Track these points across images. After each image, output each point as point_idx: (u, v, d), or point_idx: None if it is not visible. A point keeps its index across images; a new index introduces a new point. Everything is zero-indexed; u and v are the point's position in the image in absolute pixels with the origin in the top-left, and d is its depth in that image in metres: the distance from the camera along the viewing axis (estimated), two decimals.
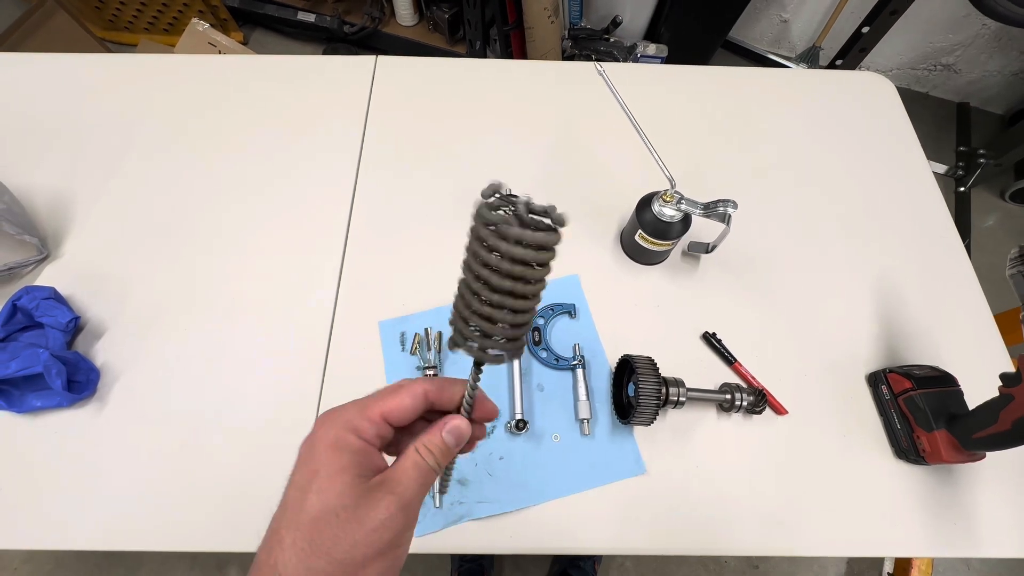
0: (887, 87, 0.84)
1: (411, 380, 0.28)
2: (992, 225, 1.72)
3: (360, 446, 0.25)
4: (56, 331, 0.59)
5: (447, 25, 1.70)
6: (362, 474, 0.25)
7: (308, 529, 0.23)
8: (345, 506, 0.23)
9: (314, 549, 0.23)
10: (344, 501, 0.24)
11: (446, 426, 0.27)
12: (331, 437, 0.25)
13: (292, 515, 0.24)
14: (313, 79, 0.81)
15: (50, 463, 0.55)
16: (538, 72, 0.85)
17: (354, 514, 0.23)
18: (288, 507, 0.24)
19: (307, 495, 0.24)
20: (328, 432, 0.26)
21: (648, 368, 0.53)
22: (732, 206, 0.55)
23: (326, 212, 0.70)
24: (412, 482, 0.26)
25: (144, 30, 1.90)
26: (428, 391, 0.28)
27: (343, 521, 0.23)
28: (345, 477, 0.24)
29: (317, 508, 0.23)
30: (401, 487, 0.25)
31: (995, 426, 0.47)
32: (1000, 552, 0.53)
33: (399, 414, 0.27)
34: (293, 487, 0.25)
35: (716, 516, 0.54)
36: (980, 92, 1.87)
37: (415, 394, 0.27)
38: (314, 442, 0.26)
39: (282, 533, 0.24)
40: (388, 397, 0.27)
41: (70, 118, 0.77)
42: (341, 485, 0.24)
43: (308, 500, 0.24)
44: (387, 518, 0.24)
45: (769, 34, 1.96)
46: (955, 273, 0.69)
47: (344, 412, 0.27)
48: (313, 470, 0.25)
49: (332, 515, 0.23)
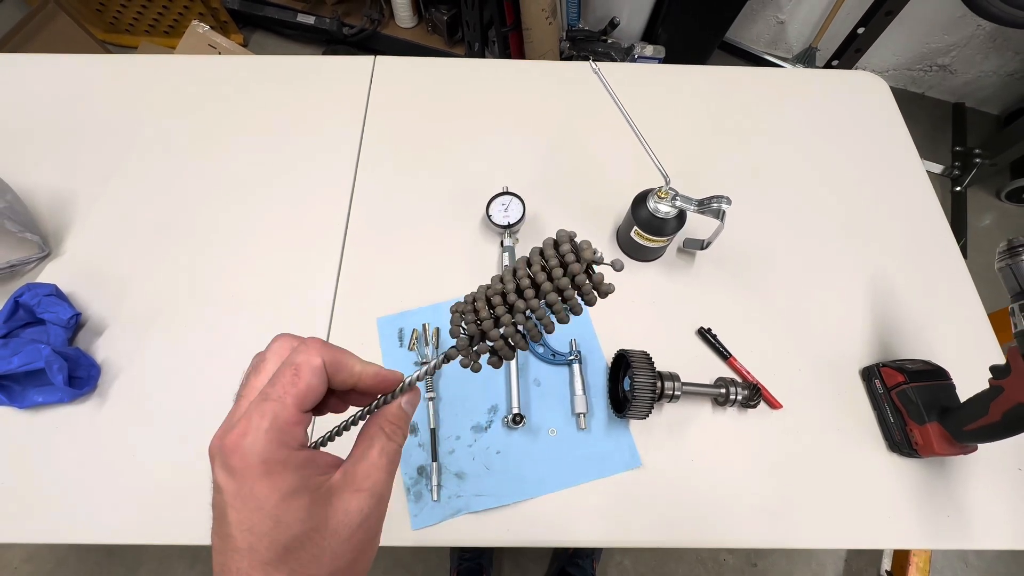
0: (881, 86, 0.85)
1: (296, 353, 0.24)
2: (988, 225, 1.73)
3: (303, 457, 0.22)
4: (57, 327, 0.59)
5: (446, 27, 1.71)
6: (316, 487, 0.22)
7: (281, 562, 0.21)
8: (316, 528, 0.21)
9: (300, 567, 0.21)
10: (309, 525, 0.21)
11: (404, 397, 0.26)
12: (256, 462, 0.21)
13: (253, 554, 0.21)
14: (312, 79, 0.82)
15: (51, 458, 0.55)
16: (535, 72, 0.86)
17: (326, 529, 0.22)
18: (242, 550, 0.21)
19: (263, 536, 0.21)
20: (247, 458, 0.21)
21: (643, 362, 0.53)
22: (726, 202, 0.56)
23: (325, 210, 0.71)
24: (382, 472, 0.24)
25: (145, 32, 1.91)
26: (326, 362, 0.24)
27: (315, 543, 0.21)
28: (302, 500, 0.21)
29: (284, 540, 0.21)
30: (370, 480, 0.23)
31: (986, 418, 0.47)
32: (992, 544, 0.53)
33: (312, 397, 0.23)
34: (235, 528, 0.21)
35: (711, 509, 0.54)
36: (976, 92, 1.88)
37: (317, 370, 0.23)
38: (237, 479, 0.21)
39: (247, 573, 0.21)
40: (292, 383, 0.23)
41: (71, 118, 0.78)
42: (300, 511, 0.21)
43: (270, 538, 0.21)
44: (363, 520, 0.22)
45: (766, 35, 1.97)
46: (948, 270, 0.69)
47: (251, 427, 0.22)
48: (255, 508, 0.21)
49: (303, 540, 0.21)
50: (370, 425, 0.26)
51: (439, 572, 1.18)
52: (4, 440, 0.56)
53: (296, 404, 0.22)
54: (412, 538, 0.52)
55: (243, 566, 0.20)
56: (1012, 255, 0.44)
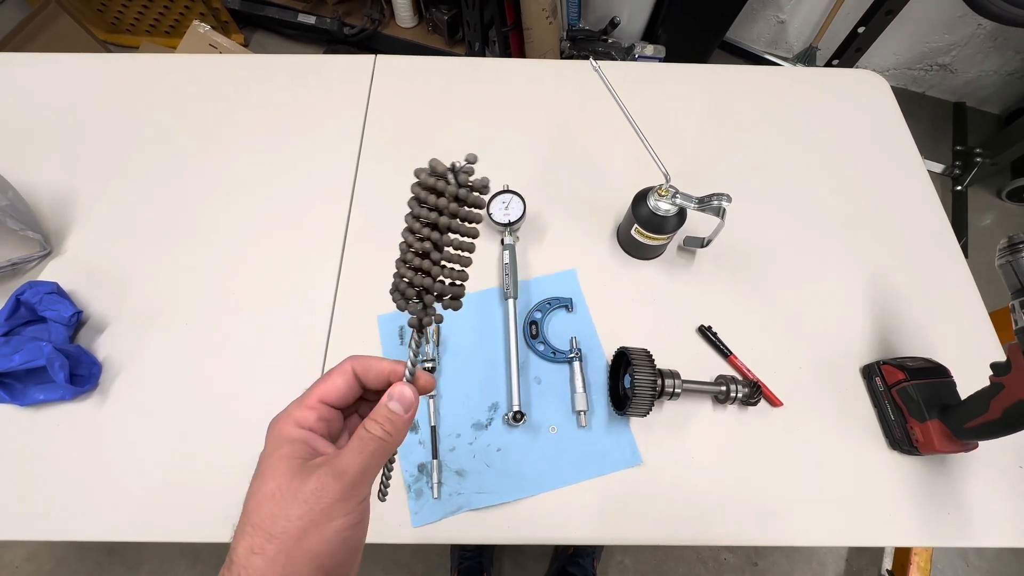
0: (882, 85, 0.85)
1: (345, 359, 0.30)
2: (989, 224, 1.73)
3: (299, 434, 0.27)
4: (59, 325, 0.59)
5: (446, 27, 1.71)
6: (303, 458, 0.26)
7: (251, 515, 0.25)
8: (280, 486, 0.25)
9: (255, 530, 0.24)
10: (280, 482, 0.25)
11: (392, 395, 0.28)
12: (274, 433, 0.27)
13: (243, 515, 0.25)
14: (313, 78, 0.82)
15: (52, 456, 0.56)
16: (535, 71, 0.86)
17: (288, 490, 0.24)
18: (242, 511, 0.26)
19: (252, 492, 0.25)
20: (271, 432, 0.27)
21: (644, 360, 0.53)
22: (726, 199, 0.56)
23: (326, 209, 0.71)
24: (350, 452, 0.26)
25: (146, 32, 1.91)
26: (354, 367, 0.29)
27: (278, 500, 0.24)
28: (284, 463, 0.25)
29: (260, 496, 0.25)
30: (338, 458, 0.26)
31: (986, 415, 0.47)
32: (993, 542, 0.53)
33: (335, 394, 0.28)
34: (246, 494, 0.26)
35: (711, 506, 0.54)
36: (976, 92, 1.88)
37: (344, 372, 0.29)
38: (264, 446, 0.27)
39: (237, 531, 0.25)
40: (322, 382, 0.29)
41: (73, 117, 0.78)
42: (280, 471, 0.25)
43: (253, 495, 0.25)
44: (317, 487, 0.24)
45: (766, 35, 1.97)
46: (949, 268, 0.69)
47: (286, 409, 0.28)
48: (259, 469, 0.26)
49: (269, 497, 0.24)
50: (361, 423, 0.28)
51: (440, 571, 1.18)
52: (5, 438, 0.56)
53: (317, 395, 0.28)
54: (413, 535, 0.52)
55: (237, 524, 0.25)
56: (1013, 252, 0.44)
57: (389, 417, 0.27)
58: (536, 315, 0.63)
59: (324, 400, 0.28)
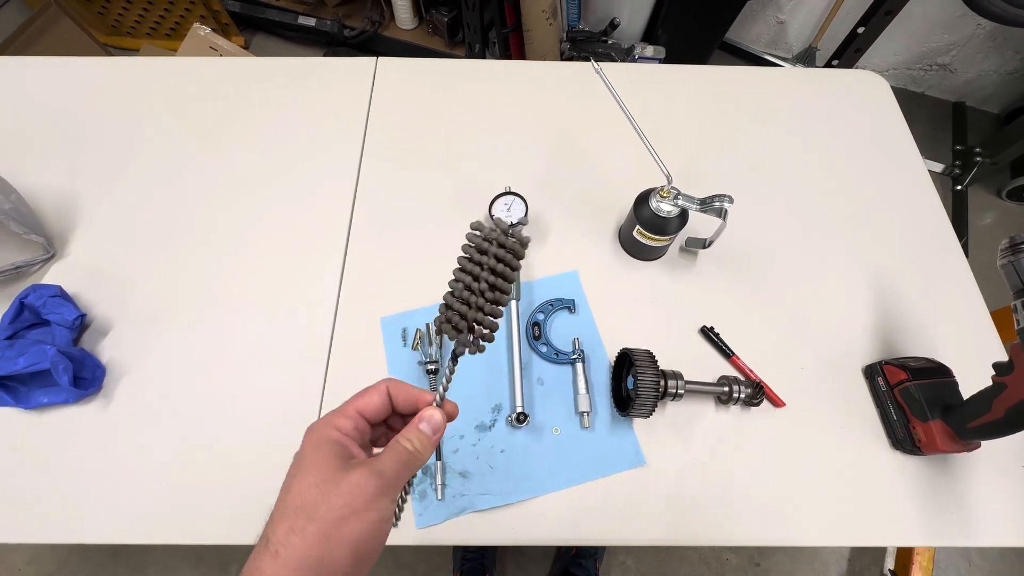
0: (881, 85, 0.85)
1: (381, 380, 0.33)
2: (990, 223, 1.73)
3: (338, 437, 0.30)
4: (62, 328, 0.60)
5: (446, 28, 1.71)
6: (343, 457, 0.29)
7: (293, 500, 0.27)
8: (324, 477, 0.27)
9: (296, 513, 0.26)
10: (323, 474, 0.27)
11: (423, 417, 0.32)
12: (314, 436, 0.30)
13: (282, 498, 0.28)
14: (315, 80, 0.83)
15: (56, 458, 0.56)
16: (536, 72, 0.86)
17: (332, 481, 0.27)
18: (280, 495, 0.28)
19: (292, 482, 0.28)
20: (312, 434, 0.30)
21: (647, 361, 0.54)
22: (728, 200, 0.56)
23: (328, 210, 0.71)
24: (387, 458, 0.29)
25: (146, 35, 1.91)
26: (390, 388, 0.33)
27: (322, 489, 0.27)
28: (325, 460, 0.28)
29: (301, 485, 0.27)
30: (377, 460, 0.29)
31: (989, 415, 0.47)
32: (996, 541, 0.53)
33: (370, 409, 0.32)
34: (285, 480, 0.29)
35: (714, 507, 0.54)
36: (976, 91, 1.88)
37: (380, 391, 0.32)
38: (302, 444, 0.30)
39: (274, 513, 0.27)
40: (360, 396, 0.32)
41: (75, 120, 0.78)
42: (322, 463, 0.28)
43: (293, 485, 0.28)
44: (360, 480, 0.27)
45: (766, 35, 1.97)
46: (950, 267, 0.69)
47: (326, 416, 0.31)
48: (298, 465, 0.29)
49: (313, 485, 0.27)
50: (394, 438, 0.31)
51: (442, 572, 1.18)
52: (10, 441, 0.57)
53: (355, 407, 0.31)
54: (417, 537, 0.53)
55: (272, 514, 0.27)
56: (1014, 252, 0.44)
57: (419, 436, 0.31)
58: (539, 316, 0.63)
59: (361, 412, 0.31)
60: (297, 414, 0.58)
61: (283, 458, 0.29)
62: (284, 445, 0.29)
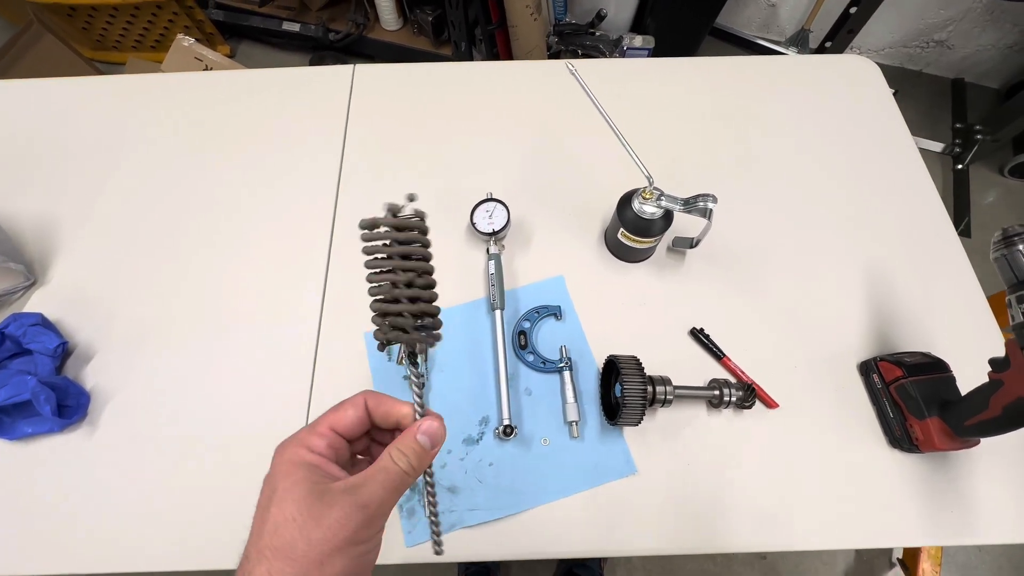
0: (872, 69, 0.83)
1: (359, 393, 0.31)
2: (993, 202, 1.69)
3: (313, 459, 0.27)
4: (44, 357, 0.59)
5: (431, 28, 1.69)
6: (318, 483, 0.26)
7: (270, 538, 0.25)
8: (301, 510, 0.25)
9: (275, 554, 0.24)
10: (300, 507, 0.25)
11: (420, 427, 0.29)
12: (287, 456, 0.27)
13: (255, 534, 0.25)
14: (292, 91, 0.81)
15: (42, 488, 0.55)
16: (518, 73, 0.84)
17: (310, 516, 0.24)
18: (253, 530, 0.26)
19: (268, 512, 0.25)
20: (283, 454, 0.27)
21: (633, 368, 0.52)
22: (712, 200, 0.54)
23: (309, 224, 0.70)
24: (375, 484, 0.26)
25: (132, 48, 1.90)
26: (368, 401, 0.30)
27: (299, 524, 0.24)
28: (302, 487, 0.25)
29: (277, 518, 0.25)
30: (362, 488, 0.26)
31: (986, 412, 0.46)
32: (997, 538, 0.52)
33: (344, 423, 0.29)
34: (257, 510, 0.26)
35: (709, 513, 0.53)
36: (975, 67, 1.84)
37: (356, 404, 0.30)
38: (271, 467, 0.27)
39: (249, 551, 0.25)
40: (334, 411, 0.30)
41: (52, 142, 0.77)
42: (298, 493, 0.25)
43: (269, 515, 0.25)
44: (343, 516, 0.25)
45: (757, 19, 1.93)
46: (946, 256, 0.68)
47: (297, 434, 0.29)
48: (271, 488, 0.26)
49: (290, 520, 0.25)
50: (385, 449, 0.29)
51: (447, 573, 1.18)
52: None
53: (328, 423, 0.29)
54: (406, 555, 0.52)
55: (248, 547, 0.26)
56: (1008, 244, 0.43)
57: (415, 449, 0.28)
58: (524, 324, 0.62)
59: (334, 428, 0.29)
60: (283, 434, 0.57)
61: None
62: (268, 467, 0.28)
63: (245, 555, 0.25)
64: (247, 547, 0.26)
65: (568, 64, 0.53)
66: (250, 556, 0.25)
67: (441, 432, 0.29)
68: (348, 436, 0.30)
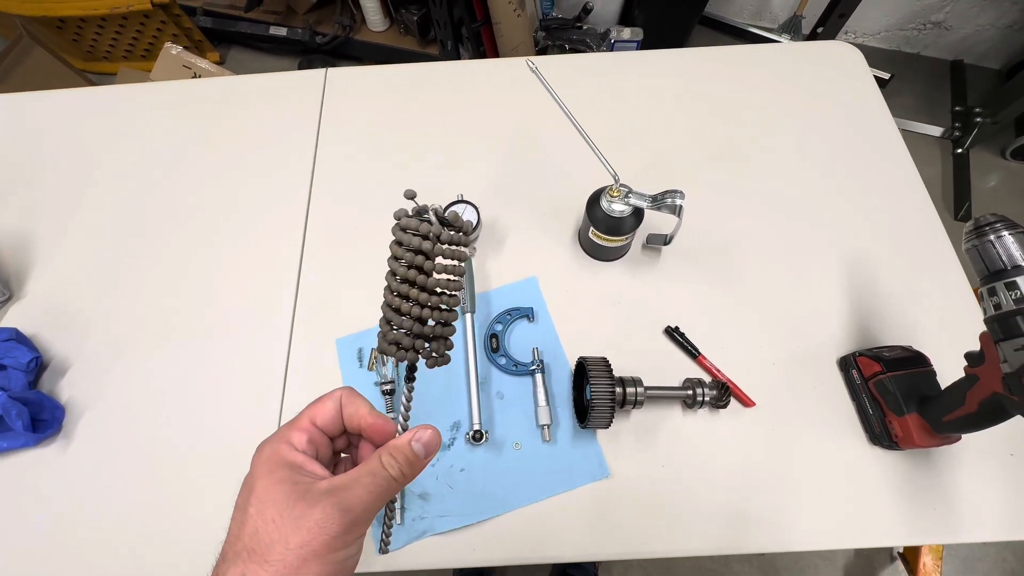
0: (855, 55, 0.81)
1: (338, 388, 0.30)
2: (995, 185, 1.65)
3: (294, 457, 0.26)
4: (18, 372, 0.59)
5: (417, 27, 1.68)
6: (298, 482, 0.25)
7: (248, 540, 0.24)
8: (281, 512, 0.24)
9: (251, 556, 0.23)
10: (280, 507, 0.24)
11: (416, 434, 0.28)
12: (266, 454, 0.26)
13: (233, 535, 0.25)
14: (264, 99, 0.81)
15: (17, 502, 0.56)
16: (491, 72, 0.83)
17: (290, 517, 0.24)
18: (230, 530, 0.25)
19: (245, 512, 0.25)
20: (262, 454, 0.27)
21: (601, 369, 0.51)
22: (680, 196, 0.53)
23: (281, 233, 0.69)
24: (361, 488, 0.25)
25: (122, 58, 1.91)
26: (343, 395, 0.29)
27: (278, 526, 0.23)
28: (282, 486, 0.25)
29: (255, 519, 0.24)
30: (346, 491, 0.25)
31: (963, 408, 0.44)
32: (981, 536, 0.51)
33: (324, 416, 0.29)
34: (235, 510, 0.26)
35: (684, 515, 0.52)
36: (974, 48, 1.80)
37: (334, 398, 0.29)
38: (252, 465, 0.27)
39: (226, 551, 0.24)
40: (313, 405, 0.29)
41: (28, 157, 0.77)
42: (277, 494, 0.24)
43: (248, 516, 0.24)
44: (322, 519, 0.24)
45: (749, 7, 1.90)
46: (932, 246, 0.66)
47: (278, 432, 0.28)
48: (250, 487, 0.25)
49: (268, 522, 0.24)
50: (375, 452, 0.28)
51: (445, 573, 1.17)
52: None
53: (308, 416, 0.28)
54: (379, 563, 0.51)
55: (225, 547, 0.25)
56: (979, 235, 0.41)
57: (408, 457, 0.27)
58: (496, 327, 0.61)
59: (314, 421, 0.28)
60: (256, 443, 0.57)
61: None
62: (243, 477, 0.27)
63: (221, 555, 0.25)
64: (224, 547, 0.25)
65: (529, 62, 0.52)
66: (226, 556, 0.24)
67: (436, 442, 0.29)
68: (329, 431, 0.29)
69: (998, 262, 0.39)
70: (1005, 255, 0.39)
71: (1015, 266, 0.39)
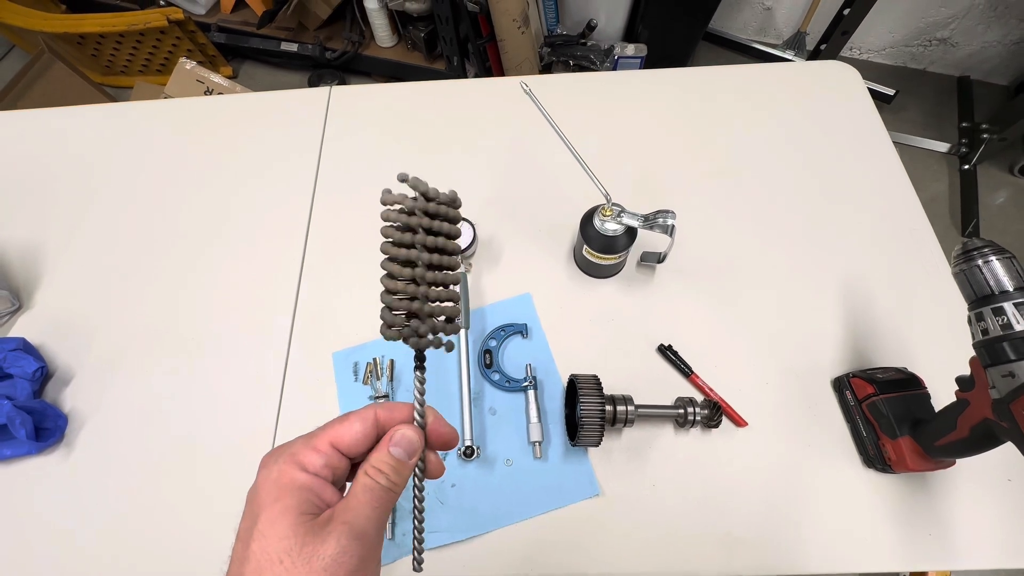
0: (852, 75, 0.81)
1: (368, 406, 0.27)
2: (1003, 202, 1.64)
3: (305, 480, 0.24)
4: (23, 381, 0.61)
5: (424, 44, 1.72)
6: (308, 511, 0.23)
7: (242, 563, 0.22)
8: (289, 550, 0.21)
9: None
10: (287, 544, 0.22)
11: (392, 438, 0.26)
12: (273, 475, 0.24)
13: (235, 572, 0.22)
14: (269, 117, 0.83)
15: (18, 509, 0.57)
16: (490, 90, 0.85)
17: (300, 556, 0.21)
18: (232, 561, 0.23)
19: (248, 548, 0.22)
20: (271, 471, 0.24)
21: (591, 387, 0.52)
22: (671, 216, 0.54)
23: (282, 247, 0.71)
24: (364, 507, 0.24)
25: (139, 72, 1.97)
26: (378, 413, 0.27)
27: (287, 568, 0.21)
28: (288, 518, 0.22)
29: (259, 557, 0.22)
30: (352, 514, 0.23)
31: (954, 433, 0.44)
32: (977, 563, 0.50)
33: (349, 439, 0.26)
34: (237, 539, 0.23)
35: (673, 536, 0.52)
36: (981, 64, 1.79)
37: (365, 418, 0.26)
38: (256, 485, 0.24)
39: None
40: (338, 424, 0.26)
41: (39, 170, 0.80)
42: (284, 527, 0.22)
43: (250, 552, 0.22)
44: (339, 553, 0.22)
45: (753, 23, 1.92)
46: (928, 267, 0.65)
47: (289, 446, 0.25)
48: (253, 515, 0.23)
49: (275, 562, 0.21)
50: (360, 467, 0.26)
51: None
52: None
53: (328, 438, 0.25)
54: None
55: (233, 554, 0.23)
56: (967, 260, 0.41)
57: (390, 463, 0.25)
58: (490, 343, 0.61)
59: (336, 444, 0.25)
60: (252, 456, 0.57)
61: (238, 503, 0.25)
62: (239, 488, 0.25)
63: None
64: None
65: (522, 83, 0.53)
66: None
67: (414, 439, 0.26)
68: (351, 454, 0.26)
69: (985, 287, 0.39)
70: (992, 280, 0.39)
71: (1002, 291, 0.39)
